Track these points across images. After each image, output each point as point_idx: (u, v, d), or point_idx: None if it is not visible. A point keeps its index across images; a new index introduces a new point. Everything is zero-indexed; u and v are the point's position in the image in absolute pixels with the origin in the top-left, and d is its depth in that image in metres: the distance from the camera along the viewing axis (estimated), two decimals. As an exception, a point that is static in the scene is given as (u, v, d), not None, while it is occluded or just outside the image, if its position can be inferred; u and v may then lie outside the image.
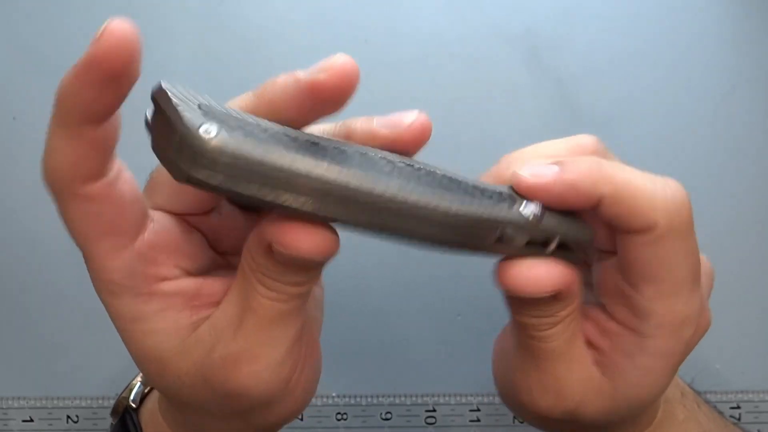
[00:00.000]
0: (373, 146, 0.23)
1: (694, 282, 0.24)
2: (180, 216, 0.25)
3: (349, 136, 0.24)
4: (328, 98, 0.22)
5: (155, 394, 0.31)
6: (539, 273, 0.23)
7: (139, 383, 0.32)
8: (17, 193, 0.44)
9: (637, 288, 0.24)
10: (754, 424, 0.44)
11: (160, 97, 0.20)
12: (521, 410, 0.28)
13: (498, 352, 0.29)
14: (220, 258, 0.27)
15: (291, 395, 0.25)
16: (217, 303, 0.24)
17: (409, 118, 0.23)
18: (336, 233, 0.22)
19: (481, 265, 0.35)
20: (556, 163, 0.23)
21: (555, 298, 0.24)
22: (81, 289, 0.44)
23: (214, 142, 0.18)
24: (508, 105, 0.44)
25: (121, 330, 0.24)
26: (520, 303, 0.25)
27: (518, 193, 0.23)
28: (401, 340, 0.45)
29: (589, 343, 0.26)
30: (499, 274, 0.23)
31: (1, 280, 0.44)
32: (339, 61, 0.23)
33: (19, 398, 0.44)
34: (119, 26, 0.20)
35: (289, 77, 0.23)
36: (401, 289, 0.44)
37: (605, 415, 0.25)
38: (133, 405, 0.31)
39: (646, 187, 0.22)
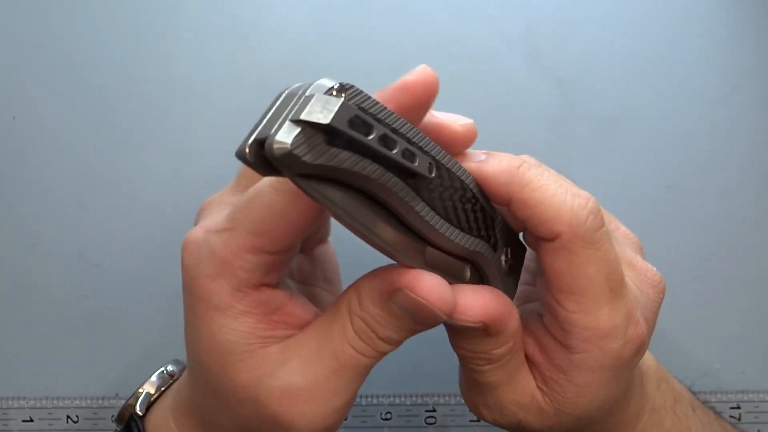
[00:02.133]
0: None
1: (613, 293, 0.23)
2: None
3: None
4: (417, 98, 0.23)
5: (164, 403, 0.31)
6: (468, 301, 0.23)
7: (146, 391, 0.32)
8: (17, 193, 0.44)
9: (559, 301, 0.24)
10: (754, 424, 0.44)
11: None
12: (478, 418, 0.29)
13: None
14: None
15: None
16: (292, 325, 0.24)
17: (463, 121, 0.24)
18: (453, 294, 0.22)
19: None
20: (485, 153, 0.24)
21: (486, 333, 0.24)
22: (81, 289, 0.44)
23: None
24: (508, 105, 0.44)
25: (199, 314, 0.24)
26: (453, 331, 0.25)
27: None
28: (401, 340, 0.45)
29: (530, 360, 0.26)
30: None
31: (1, 280, 0.44)
32: (421, 67, 0.23)
33: (19, 398, 0.44)
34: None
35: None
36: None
37: (551, 429, 0.26)
38: (139, 413, 0.31)
39: (554, 196, 0.23)
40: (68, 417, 0.44)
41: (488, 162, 0.24)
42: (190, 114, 0.44)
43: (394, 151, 0.20)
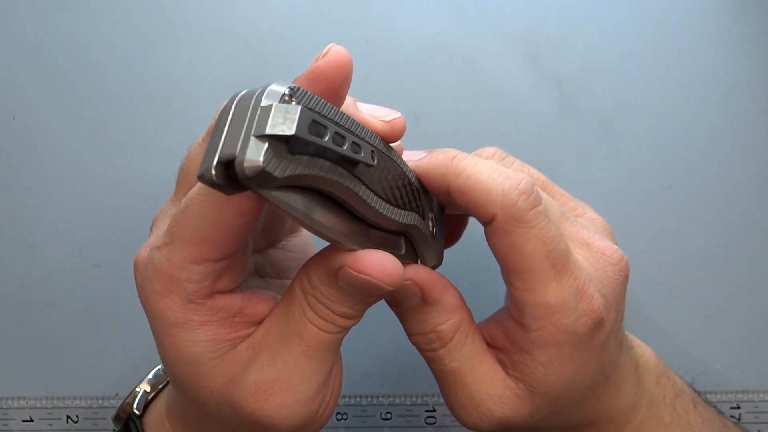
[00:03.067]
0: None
1: (556, 270, 0.24)
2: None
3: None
4: (328, 83, 0.22)
5: (160, 402, 0.31)
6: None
7: (143, 390, 0.32)
8: (17, 192, 0.44)
9: (509, 281, 0.25)
10: (754, 424, 0.44)
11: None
12: (462, 425, 0.28)
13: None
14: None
15: (315, 427, 0.25)
16: (256, 323, 0.24)
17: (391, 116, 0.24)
18: (401, 265, 0.22)
19: (481, 266, 0.36)
20: (426, 151, 0.26)
21: (425, 302, 0.25)
22: (81, 289, 0.44)
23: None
24: (508, 105, 0.44)
25: (159, 332, 0.24)
26: (403, 319, 0.26)
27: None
28: (401, 341, 0.45)
29: (498, 348, 0.26)
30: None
31: (1, 280, 0.44)
32: (332, 48, 0.23)
33: (19, 398, 0.44)
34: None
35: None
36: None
37: (532, 417, 0.26)
38: (137, 412, 0.31)
39: (486, 181, 0.24)
40: (68, 417, 0.44)
41: (426, 158, 0.25)
42: (190, 114, 0.44)
43: (345, 147, 0.20)
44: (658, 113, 0.44)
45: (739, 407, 0.44)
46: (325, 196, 0.21)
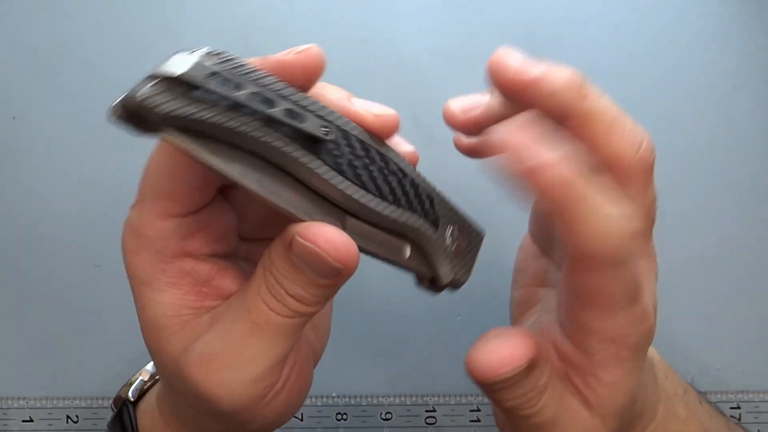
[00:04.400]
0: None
1: (632, 300, 0.23)
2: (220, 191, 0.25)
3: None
4: (295, 75, 0.23)
5: (153, 390, 0.31)
6: (504, 352, 0.22)
7: (139, 379, 0.32)
8: (17, 192, 0.44)
9: (574, 309, 0.23)
10: (754, 424, 0.44)
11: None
12: None
13: (496, 415, 0.28)
14: (243, 250, 0.27)
15: (263, 414, 0.24)
16: (225, 298, 0.24)
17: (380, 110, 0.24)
18: (358, 252, 0.22)
19: (481, 266, 0.36)
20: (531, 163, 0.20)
21: (529, 368, 0.23)
22: (81, 289, 0.44)
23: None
24: (508, 105, 0.44)
25: (133, 292, 0.25)
26: (498, 390, 0.23)
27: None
28: (401, 341, 0.45)
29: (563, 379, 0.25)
30: (469, 368, 0.23)
31: (1, 280, 0.44)
32: (307, 47, 0.24)
33: (19, 398, 0.44)
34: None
35: (259, 59, 0.24)
36: (401, 290, 0.44)
37: None
38: (132, 398, 0.31)
39: (600, 218, 0.20)
40: (68, 417, 0.44)
41: (541, 174, 0.20)
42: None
43: (273, 110, 0.20)
44: (658, 113, 0.44)
45: (739, 407, 0.44)
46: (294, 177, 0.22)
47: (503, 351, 0.23)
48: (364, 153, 0.23)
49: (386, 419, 0.45)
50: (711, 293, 0.45)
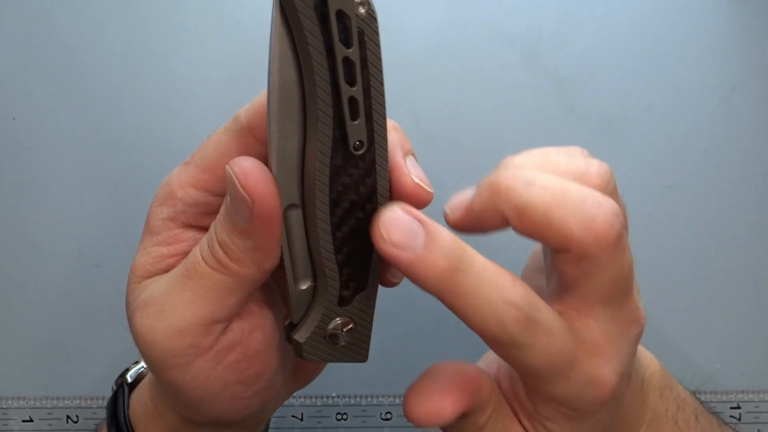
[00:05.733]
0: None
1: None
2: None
3: None
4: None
5: (149, 374, 0.32)
6: (430, 407, 0.22)
7: (141, 363, 0.33)
8: (17, 193, 0.44)
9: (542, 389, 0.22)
10: (754, 424, 0.44)
11: None
12: None
13: None
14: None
15: (191, 386, 0.24)
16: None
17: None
18: (275, 195, 0.21)
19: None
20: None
21: (463, 415, 0.22)
22: (81, 289, 0.44)
23: None
24: (508, 105, 0.44)
25: (142, 236, 0.26)
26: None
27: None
28: (401, 340, 0.45)
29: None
30: (404, 409, 0.23)
31: (1, 280, 0.44)
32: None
33: (19, 398, 0.44)
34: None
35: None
36: (401, 290, 0.44)
37: None
38: (129, 380, 0.32)
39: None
40: (68, 417, 0.44)
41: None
42: (190, 114, 0.44)
43: (346, 86, 0.21)
44: (658, 113, 0.44)
45: (739, 407, 0.44)
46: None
47: (429, 406, 0.22)
48: (366, 196, 0.22)
49: (386, 419, 0.45)
50: (711, 293, 0.45)
